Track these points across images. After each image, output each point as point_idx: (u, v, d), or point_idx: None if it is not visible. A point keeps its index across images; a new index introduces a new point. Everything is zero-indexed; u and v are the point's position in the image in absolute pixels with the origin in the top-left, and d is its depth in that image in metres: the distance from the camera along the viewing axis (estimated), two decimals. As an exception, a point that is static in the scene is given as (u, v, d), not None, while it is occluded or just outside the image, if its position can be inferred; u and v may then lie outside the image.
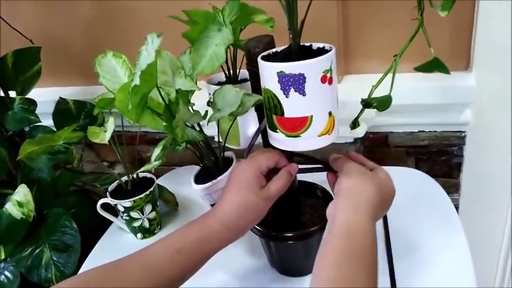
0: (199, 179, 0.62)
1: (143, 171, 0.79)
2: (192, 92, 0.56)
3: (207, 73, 0.53)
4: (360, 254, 0.45)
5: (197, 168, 0.66)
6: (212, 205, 0.62)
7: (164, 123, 0.51)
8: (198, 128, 0.59)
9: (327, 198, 0.65)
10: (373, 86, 0.57)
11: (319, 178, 0.70)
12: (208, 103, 0.57)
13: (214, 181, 0.59)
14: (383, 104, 0.56)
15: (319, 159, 0.60)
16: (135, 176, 0.83)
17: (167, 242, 0.51)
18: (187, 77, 0.52)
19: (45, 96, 1.06)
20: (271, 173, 0.55)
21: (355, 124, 0.62)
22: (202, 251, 0.52)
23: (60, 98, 1.02)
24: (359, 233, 0.46)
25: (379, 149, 0.99)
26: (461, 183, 0.98)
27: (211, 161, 0.61)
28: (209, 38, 0.51)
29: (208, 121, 0.55)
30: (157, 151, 0.58)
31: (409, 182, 0.87)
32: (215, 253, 0.53)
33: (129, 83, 0.51)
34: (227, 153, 0.65)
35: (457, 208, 0.98)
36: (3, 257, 0.86)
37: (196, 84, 0.53)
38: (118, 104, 0.52)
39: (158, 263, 0.49)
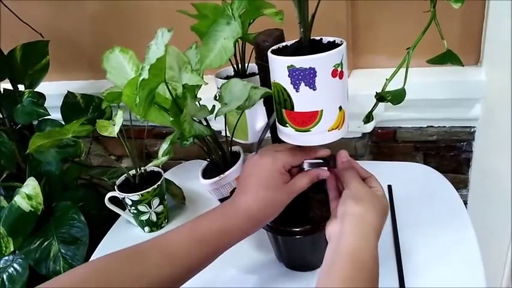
0: (207, 173, 0.62)
1: (152, 166, 0.79)
2: (199, 86, 0.55)
3: (215, 66, 0.52)
4: (368, 282, 0.45)
5: (205, 162, 0.66)
6: (220, 200, 0.62)
7: (171, 118, 0.51)
8: (205, 123, 0.59)
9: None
10: (386, 79, 0.57)
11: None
12: (215, 97, 0.57)
13: (221, 176, 0.58)
14: (397, 97, 0.56)
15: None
16: (142, 170, 0.83)
17: (188, 232, 0.51)
18: (194, 71, 0.51)
19: (53, 89, 1.07)
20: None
21: (369, 118, 0.61)
22: (224, 242, 0.52)
23: (68, 92, 1.02)
24: (367, 262, 0.46)
25: (387, 144, 0.99)
26: (470, 179, 0.97)
27: (218, 156, 0.61)
28: (218, 32, 0.51)
29: (216, 115, 0.55)
30: (164, 146, 0.58)
31: (418, 178, 0.87)
32: (234, 244, 0.53)
33: (136, 77, 0.51)
34: (234, 148, 0.65)
35: (465, 204, 0.97)
36: (12, 249, 0.87)
37: (203, 78, 0.53)
38: (125, 98, 0.52)
39: (177, 253, 0.50)
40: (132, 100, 0.51)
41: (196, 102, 0.56)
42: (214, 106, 0.56)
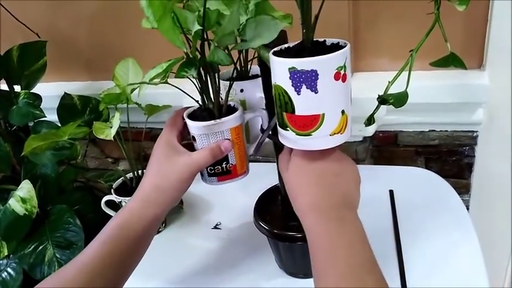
0: (195, 118, 0.55)
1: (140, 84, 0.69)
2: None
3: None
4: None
5: (193, 107, 0.58)
6: None
7: (196, 28, 0.46)
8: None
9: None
10: (389, 81, 0.55)
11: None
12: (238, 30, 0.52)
13: (218, 121, 0.52)
14: (399, 100, 0.55)
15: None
16: (140, 172, 0.81)
17: (97, 237, 0.51)
18: None
19: (49, 91, 1.05)
20: None
21: (370, 121, 0.60)
22: (126, 235, 0.51)
23: (65, 93, 1.01)
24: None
25: (388, 148, 0.98)
26: (472, 184, 0.96)
27: (216, 100, 0.55)
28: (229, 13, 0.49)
29: (232, 49, 0.51)
30: (153, 73, 0.50)
31: (419, 182, 0.86)
32: (145, 235, 0.52)
33: None
34: (231, 102, 0.58)
35: (467, 209, 0.96)
36: (6, 253, 0.86)
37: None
38: None
39: (90, 261, 0.49)
40: None
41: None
42: (236, 37, 0.51)
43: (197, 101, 0.56)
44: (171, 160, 0.52)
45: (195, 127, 0.54)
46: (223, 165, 0.55)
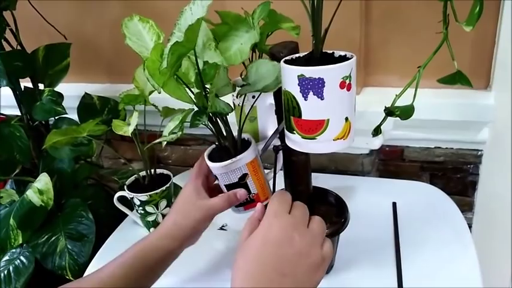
0: (214, 158, 0.61)
1: (159, 142, 0.73)
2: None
3: (229, 64, 0.54)
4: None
5: (210, 146, 0.64)
6: (227, 186, 0.61)
7: (196, 90, 0.52)
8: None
9: (340, 204, 0.66)
10: (396, 95, 0.58)
11: (333, 184, 0.71)
12: (241, 75, 0.57)
13: (234, 159, 0.57)
14: (406, 112, 0.57)
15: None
16: (152, 171, 0.85)
17: (116, 258, 0.58)
18: (217, 50, 0.52)
19: (71, 90, 1.10)
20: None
21: (377, 131, 0.63)
22: (141, 263, 0.57)
23: (86, 93, 1.05)
24: None
25: (394, 162, 0.99)
26: (476, 203, 0.97)
27: (230, 140, 0.59)
28: (236, 37, 0.53)
29: (238, 94, 0.56)
30: (171, 125, 0.55)
31: (423, 197, 0.87)
32: (158, 265, 0.59)
33: (161, 44, 0.52)
34: (244, 135, 0.63)
35: (470, 227, 0.97)
36: (20, 242, 0.89)
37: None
38: (149, 64, 0.51)
39: (106, 280, 0.55)
40: (155, 66, 0.50)
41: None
42: (235, 85, 0.56)
43: (213, 142, 0.63)
44: (192, 202, 0.59)
45: (214, 168, 0.60)
46: (247, 196, 0.61)
